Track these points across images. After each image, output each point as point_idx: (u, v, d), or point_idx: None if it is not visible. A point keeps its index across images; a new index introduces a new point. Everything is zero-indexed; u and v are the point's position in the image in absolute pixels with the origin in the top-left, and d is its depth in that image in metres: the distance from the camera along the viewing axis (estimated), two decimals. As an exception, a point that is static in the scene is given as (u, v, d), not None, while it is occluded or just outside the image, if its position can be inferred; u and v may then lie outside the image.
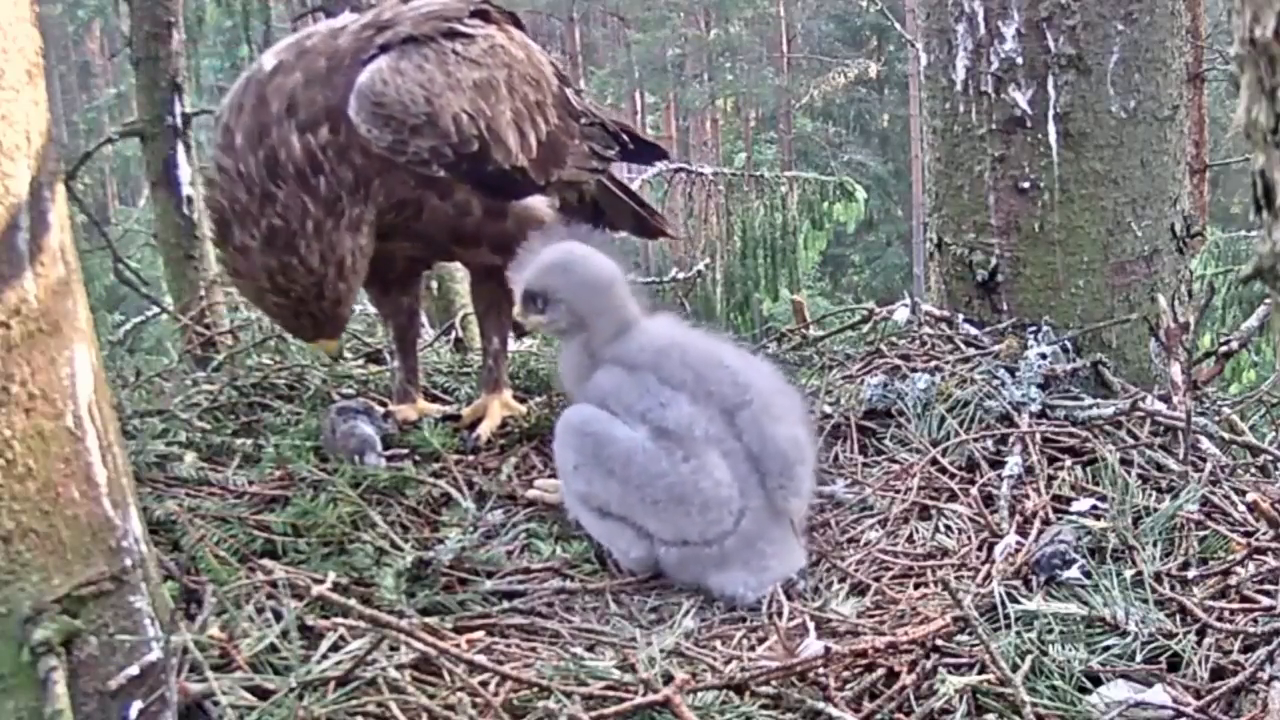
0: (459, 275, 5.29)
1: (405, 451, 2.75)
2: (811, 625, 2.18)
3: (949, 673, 1.93)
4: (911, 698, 1.90)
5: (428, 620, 2.09)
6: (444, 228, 2.76)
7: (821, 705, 1.87)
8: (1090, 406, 2.85)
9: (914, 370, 3.04)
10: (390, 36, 2.64)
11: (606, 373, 2.44)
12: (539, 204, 2.86)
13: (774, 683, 1.91)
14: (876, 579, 2.38)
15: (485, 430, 2.87)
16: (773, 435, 2.38)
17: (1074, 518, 2.43)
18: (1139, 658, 2.03)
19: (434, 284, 5.56)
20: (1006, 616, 2.11)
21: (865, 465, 2.82)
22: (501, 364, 2.98)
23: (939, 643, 2.00)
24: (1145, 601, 2.16)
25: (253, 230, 2.47)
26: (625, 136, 3.24)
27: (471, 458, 2.79)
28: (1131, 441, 2.75)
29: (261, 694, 1.82)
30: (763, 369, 2.53)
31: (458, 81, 2.67)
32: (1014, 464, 2.64)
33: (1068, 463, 2.68)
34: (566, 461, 2.42)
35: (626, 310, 2.49)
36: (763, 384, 2.45)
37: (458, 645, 2.02)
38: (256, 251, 2.48)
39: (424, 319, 3.84)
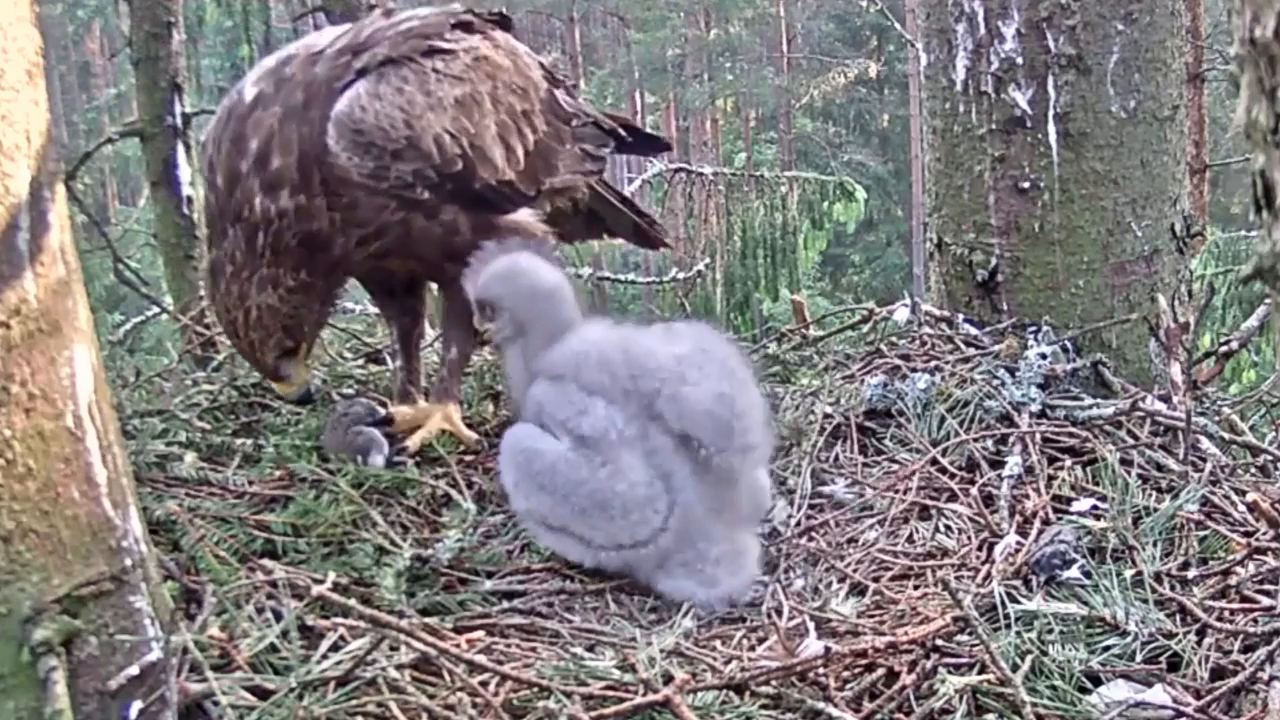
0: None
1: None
2: (811, 625, 2.18)
3: (949, 673, 1.93)
4: (911, 698, 1.90)
5: (428, 620, 2.09)
6: (434, 247, 2.73)
7: (821, 705, 1.87)
8: (1090, 406, 2.85)
9: (914, 370, 3.04)
10: (368, 60, 2.62)
11: (538, 386, 2.46)
12: (527, 217, 2.82)
13: (774, 683, 1.91)
14: (876, 579, 2.38)
15: (416, 441, 2.75)
16: (691, 403, 2.32)
17: (1074, 518, 2.43)
18: (1139, 658, 2.03)
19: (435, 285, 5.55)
20: (1006, 616, 2.11)
21: (865, 465, 2.82)
22: (456, 377, 2.89)
23: (939, 643, 2.00)
24: (1145, 601, 2.16)
25: (210, 253, 2.62)
26: (623, 132, 3.22)
27: (471, 457, 2.79)
28: (1131, 441, 2.75)
29: (261, 694, 1.82)
30: (684, 339, 2.44)
31: (439, 100, 2.65)
32: (1014, 464, 2.64)
33: (1068, 463, 2.68)
34: (508, 481, 2.44)
35: (566, 319, 2.51)
36: (677, 355, 2.38)
37: (458, 645, 2.02)
38: (205, 271, 2.64)
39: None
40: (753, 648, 2.16)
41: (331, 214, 2.57)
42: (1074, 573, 2.23)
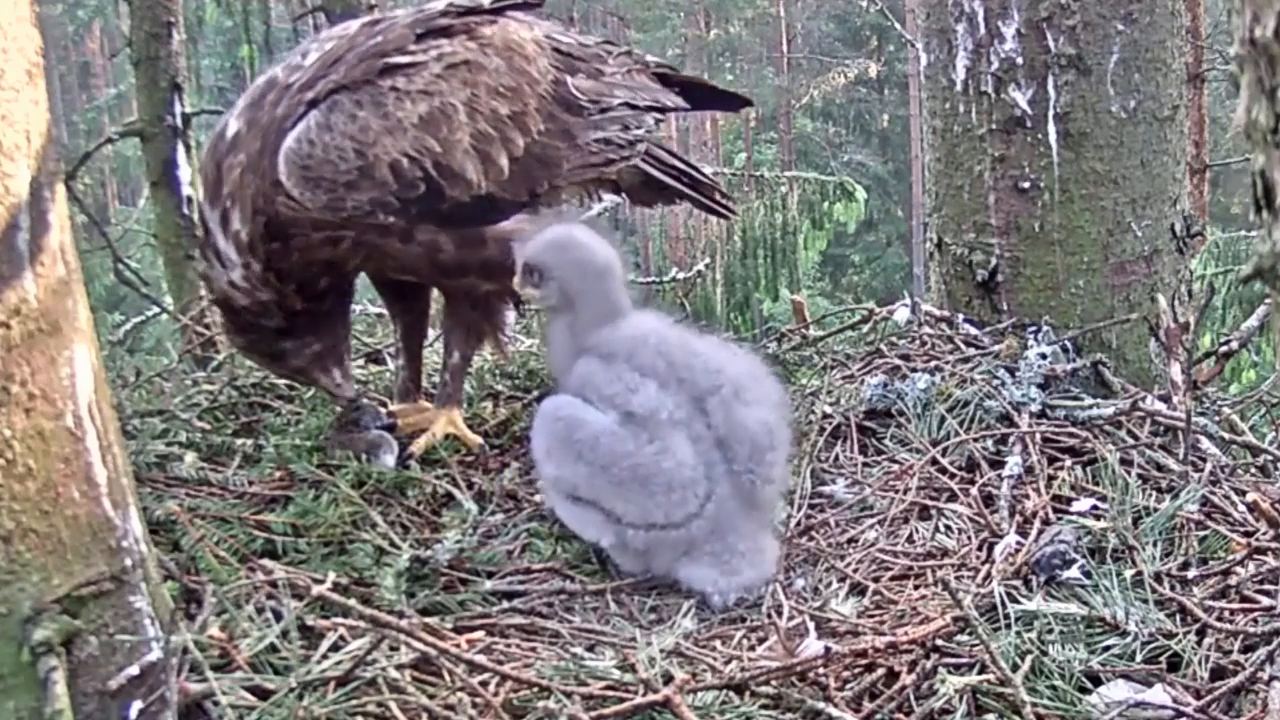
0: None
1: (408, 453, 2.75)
2: (811, 625, 2.18)
3: (949, 673, 1.93)
4: (911, 698, 1.91)
5: (428, 620, 2.09)
6: (420, 264, 2.69)
7: (821, 705, 1.87)
8: (1090, 406, 2.85)
9: (914, 370, 3.04)
10: (320, 90, 2.56)
11: (585, 362, 2.47)
12: (521, 225, 2.69)
13: (774, 683, 1.91)
14: (876, 579, 2.38)
15: (421, 446, 2.74)
16: (741, 420, 2.40)
17: (1074, 518, 2.43)
18: (1139, 658, 2.03)
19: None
20: (1006, 616, 2.11)
21: (865, 465, 2.82)
22: (459, 381, 2.86)
23: (939, 643, 2.00)
24: (1145, 601, 2.16)
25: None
26: (669, 102, 3.02)
27: (471, 458, 2.79)
28: (1131, 441, 2.75)
29: (261, 694, 1.82)
30: (740, 358, 2.54)
31: (398, 122, 2.56)
32: (1014, 464, 2.64)
33: (1068, 463, 2.68)
34: (540, 447, 2.45)
35: (616, 299, 2.52)
36: (736, 371, 2.46)
37: (458, 645, 2.02)
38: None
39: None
40: (753, 648, 2.16)
41: (283, 284, 2.60)
42: (1074, 573, 2.23)
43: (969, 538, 2.48)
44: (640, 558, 2.39)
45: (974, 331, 3.25)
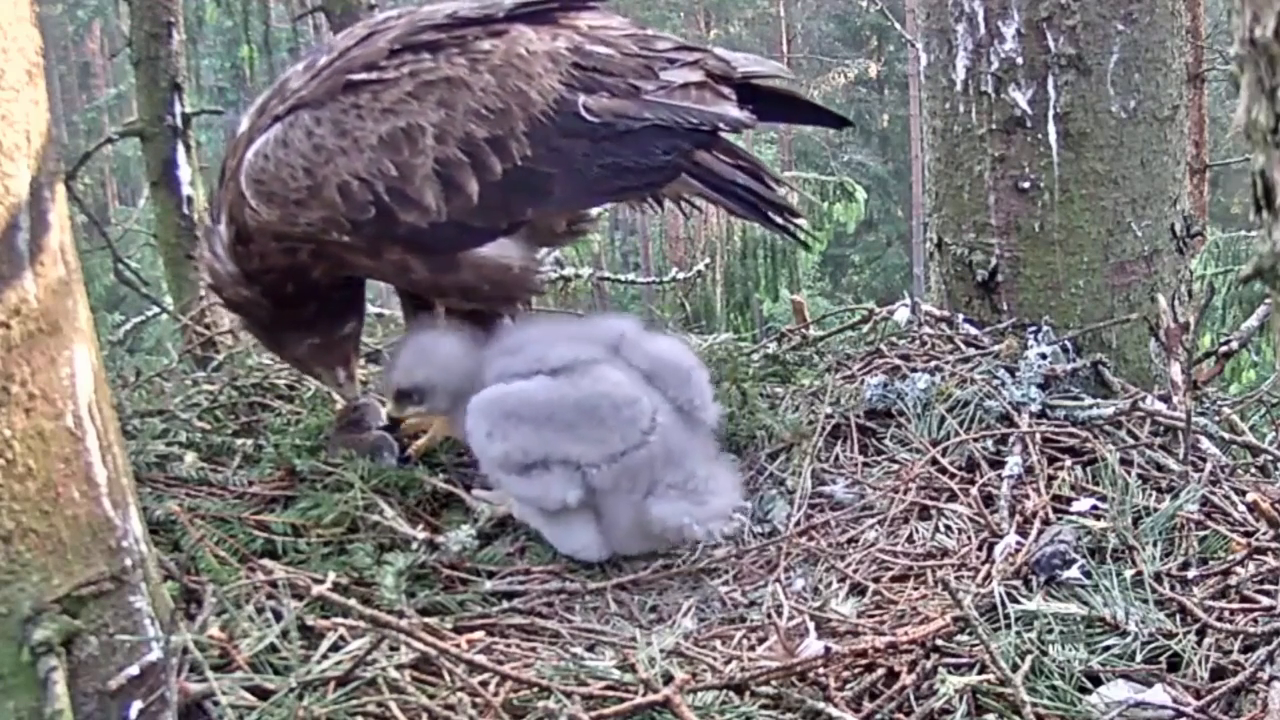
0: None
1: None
2: (811, 625, 2.19)
3: (949, 673, 1.93)
4: (911, 698, 1.91)
5: (428, 620, 2.09)
6: (396, 279, 2.67)
7: (821, 705, 1.87)
8: (1090, 406, 2.85)
9: (914, 370, 3.04)
10: (290, 103, 2.53)
11: (496, 366, 2.52)
12: (498, 250, 2.59)
13: (774, 683, 1.91)
14: (876, 579, 2.38)
15: (421, 446, 2.70)
16: (654, 351, 2.52)
17: (1074, 518, 2.43)
18: (1139, 658, 2.03)
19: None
20: (1006, 616, 2.11)
21: (865, 465, 2.82)
22: None
23: (939, 643, 2.00)
24: (1145, 601, 2.16)
25: None
26: (724, 123, 2.69)
27: (470, 459, 2.78)
28: (1131, 441, 2.75)
29: (261, 694, 1.82)
30: (625, 320, 2.65)
31: (355, 142, 2.47)
32: (1014, 464, 2.64)
33: (1068, 463, 2.68)
34: (479, 434, 2.44)
35: (480, 367, 2.55)
36: (627, 325, 2.58)
37: (458, 645, 2.02)
38: None
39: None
40: (753, 648, 2.16)
41: (250, 285, 2.63)
42: (1074, 573, 2.23)
43: (969, 538, 2.48)
44: (606, 501, 2.39)
45: (974, 331, 3.25)
